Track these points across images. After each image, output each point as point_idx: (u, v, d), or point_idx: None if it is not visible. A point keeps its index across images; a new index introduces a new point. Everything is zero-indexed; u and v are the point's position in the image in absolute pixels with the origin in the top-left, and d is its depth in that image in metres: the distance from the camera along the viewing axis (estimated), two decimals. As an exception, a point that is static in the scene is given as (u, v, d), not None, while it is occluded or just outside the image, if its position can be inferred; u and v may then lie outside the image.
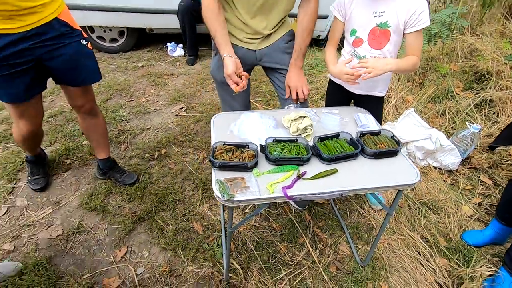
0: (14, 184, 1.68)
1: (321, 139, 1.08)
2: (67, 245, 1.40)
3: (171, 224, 1.51)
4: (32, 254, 1.35)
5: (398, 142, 1.08)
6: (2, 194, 1.61)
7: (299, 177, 0.95)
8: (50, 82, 1.36)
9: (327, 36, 1.33)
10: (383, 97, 1.31)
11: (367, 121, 1.20)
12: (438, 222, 1.60)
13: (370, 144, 1.07)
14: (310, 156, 1.00)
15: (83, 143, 1.98)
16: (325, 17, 3.23)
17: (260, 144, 1.04)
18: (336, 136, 1.11)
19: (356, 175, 0.98)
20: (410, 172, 1.00)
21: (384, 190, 1.21)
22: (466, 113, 2.29)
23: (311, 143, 1.07)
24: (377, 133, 1.13)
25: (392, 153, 1.06)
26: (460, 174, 1.93)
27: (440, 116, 2.35)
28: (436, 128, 2.21)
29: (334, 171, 0.98)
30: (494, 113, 2.28)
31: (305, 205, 1.61)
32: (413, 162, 2.03)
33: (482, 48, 2.46)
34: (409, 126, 2.10)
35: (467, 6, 2.62)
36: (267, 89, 2.74)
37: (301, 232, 1.50)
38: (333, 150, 1.03)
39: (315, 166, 1.00)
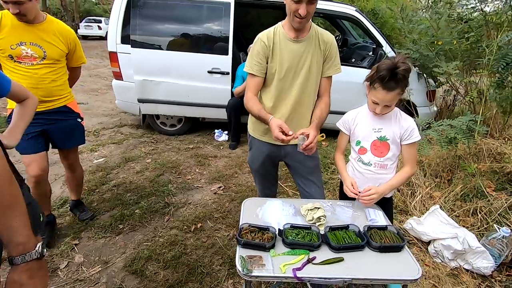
0: (78, 241, 2.01)
1: (332, 229, 1.26)
2: (107, 303, 1.60)
3: (197, 296, 1.65)
4: (79, 307, 1.56)
5: (402, 238, 1.21)
6: (66, 250, 1.93)
7: (309, 261, 1.11)
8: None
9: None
10: (391, 197, 1.48)
11: (376, 216, 1.36)
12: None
13: (376, 238, 1.21)
14: (321, 243, 1.18)
15: (136, 211, 2.34)
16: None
17: (279, 228, 1.25)
18: (346, 227, 1.28)
19: (361, 266, 1.11)
20: (413, 268, 1.10)
21: (385, 283, 1.24)
22: (501, 214, 2.25)
23: (322, 232, 1.25)
24: (383, 228, 1.27)
25: (397, 248, 1.18)
26: (496, 281, 1.83)
27: (471, 216, 2.33)
28: (467, 227, 2.18)
29: (340, 259, 1.12)
30: (533, 218, 2.20)
31: (322, 290, 1.65)
32: (442, 261, 1.99)
33: (508, 152, 2.54)
34: (435, 223, 2.12)
35: (487, 113, 2.82)
36: (298, 175, 3.01)
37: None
38: (341, 240, 1.20)
39: (324, 253, 1.16)
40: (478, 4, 3.03)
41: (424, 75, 3.63)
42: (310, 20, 1.43)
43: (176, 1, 3.42)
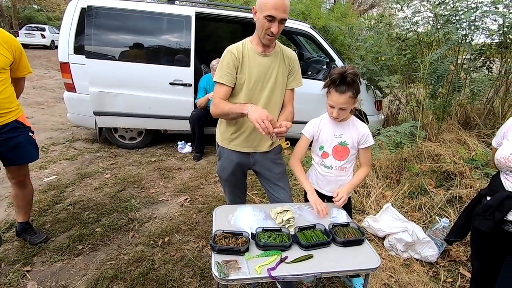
0: (30, 267, 1.83)
1: (301, 229, 1.34)
2: (69, 330, 1.48)
3: (168, 311, 1.61)
4: (35, 338, 1.42)
5: (362, 233, 1.34)
6: (16, 278, 1.75)
7: (282, 260, 1.18)
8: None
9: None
10: (350, 197, 1.63)
11: (338, 215, 1.49)
12: (422, 314, 1.68)
13: (340, 234, 1.33)
14: (291, 243, 1.25)
15: (96, 230, 2.20)
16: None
17: (251, 233, 1.30)
18: (313, 227, 1.37)
19: (328, 260, 1.20)
20: (373, 259, 1.23)
21: (350, 273, 1.36)
22: (441, 208, 2.56)
23: (292, 233, 1.33)
24: (346, 225, 1.40)
25: (358, 242, 1.30)
26: (440, 267, 2.08)
27: (418, 211, 2.62)
28: (415, 221, 2.45)
29: (310, 256, 1.21)
30: (465, 209, 2.54)
31: (291, 287, 1.71)
32: (396, 254, 2.20)
33: (443, 153, 2.92)
34: (388, 220, 2.35)
35: (425, 120, 3.23)
36: (263, 183, 3.09)
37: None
38: (310, 239, 1.29)
39: (295, 252, 1.23)
40: (411, 26, 3.47)
41: (372, 87, 4.02)
42: None
43: (136, 13, 3.36)
